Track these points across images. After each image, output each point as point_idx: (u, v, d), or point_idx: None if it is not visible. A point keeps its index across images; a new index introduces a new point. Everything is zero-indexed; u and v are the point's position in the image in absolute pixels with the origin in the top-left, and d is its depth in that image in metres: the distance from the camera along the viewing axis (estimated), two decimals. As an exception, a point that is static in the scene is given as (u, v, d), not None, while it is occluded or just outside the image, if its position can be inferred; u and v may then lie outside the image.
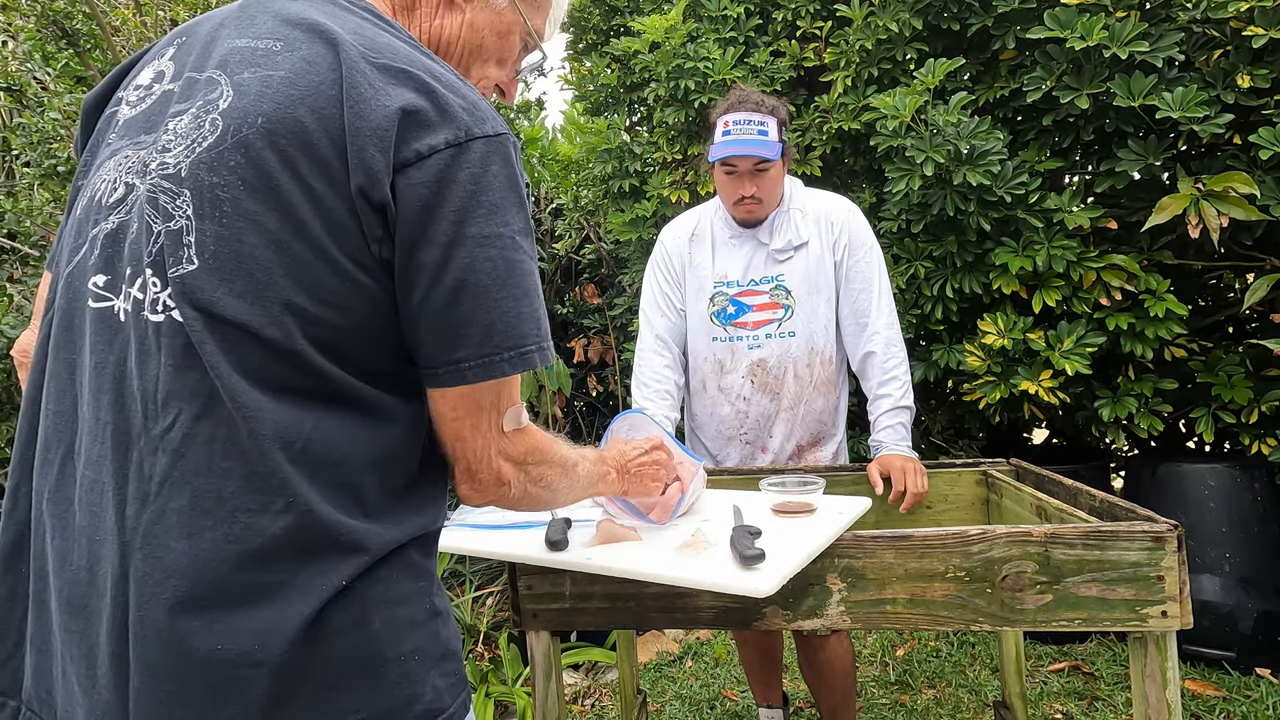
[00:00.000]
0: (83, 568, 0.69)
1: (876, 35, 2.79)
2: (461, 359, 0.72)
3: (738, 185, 1.87)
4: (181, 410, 0.67)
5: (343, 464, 0.71)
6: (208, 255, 0.68)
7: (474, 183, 0.70)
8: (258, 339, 0.68)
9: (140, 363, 0.69)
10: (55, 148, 2.48)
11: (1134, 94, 2.31)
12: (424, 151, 0.69)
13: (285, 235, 0.68)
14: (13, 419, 2.57)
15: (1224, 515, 2.59)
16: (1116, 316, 2.51)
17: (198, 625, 0.65)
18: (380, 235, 0.70)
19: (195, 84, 0.74)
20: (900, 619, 1.23)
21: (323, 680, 0.68)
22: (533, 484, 0.86)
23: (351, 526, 0.70)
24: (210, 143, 0.70)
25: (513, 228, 0.72)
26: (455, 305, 0.71)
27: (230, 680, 0.65)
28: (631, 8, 3.44)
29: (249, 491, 0.67)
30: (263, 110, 0.70)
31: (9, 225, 2.54)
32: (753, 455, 2.02)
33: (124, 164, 0.75)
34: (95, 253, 0.73)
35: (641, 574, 1.17)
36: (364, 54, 0.71)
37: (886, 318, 1.93)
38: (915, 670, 2.79)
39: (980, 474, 1.82)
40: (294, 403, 0.69)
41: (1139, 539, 1.16)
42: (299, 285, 0.68)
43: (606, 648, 2.74)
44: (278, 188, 0.68)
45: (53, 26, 2.85)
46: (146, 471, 0.67)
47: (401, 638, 0.73)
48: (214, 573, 0.66)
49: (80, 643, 0.69)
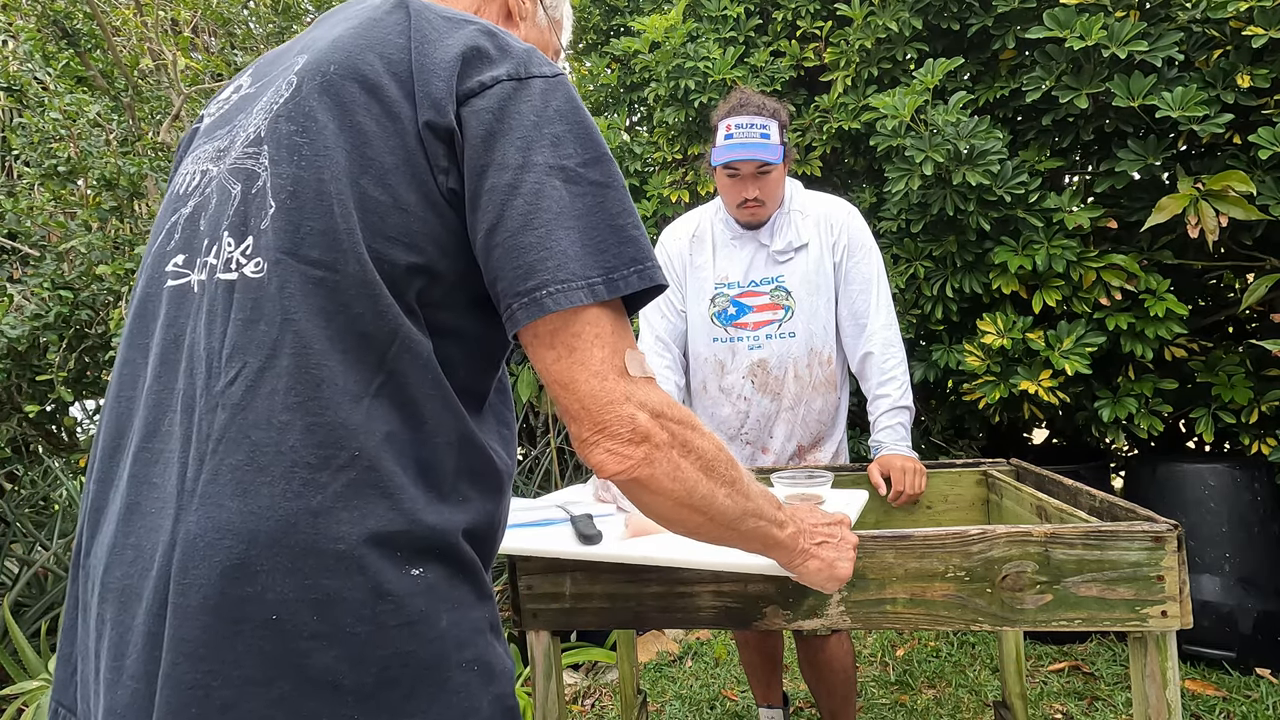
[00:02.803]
0: (128, 546, 0.66)
1: (876, 35, 2.79)
2: (535, 287, 0.67)
3: (740, 188, 1.87)
4: (246, 364, 0.65)
5: (413, 425, 0.68)
6: (284, 196, 0.68)
7: (537, 115, 0.70)
8: (335, 276, 0.66)
9: (209, 324, 0.68)
10: (55, 148, 2.48)
11: (1133, 94, 2.31)
12: (487, 82, 0.70)
13: (355, 171, 0.68)
14: (13, 419, 2.57)
15: (1224, 515, 2.59)
16: (1116, 316, 2.51)
17: (251, 591, 0.61)
18: (446, 166, 0.69)
19: (276, 73, 0.77)
20: (900, 619, 1.23)
21: (384, 672, 0.63)
22: (682, 451, 0.72)
23: (415, 495, 0.66)
24: (286, 97, 0.72)
25: (579, 158, 0.71)
26: (527, 230, 0.67)
27: (284, 654, 0.61)
28: (631, 8, 3.44)
29: (310, 445, 0.63)
30: (334, 59, 0.72)
31: (9, 225, 2.54)
32: (753, 456, 2.02)
33: (201, 157, 0.77)
34: (175, 237, 0.74)
35: (690, 563, 1.18)
36: (429, 8, 0.75)
37: (885, 318, 1.93)
38: (915, 670, 2.79)
39: (980, 474, 1.82)
40: (366, 352, 0.66)
41: (1139, 539, 1.16)
42: (370, 221, 0.68)
43: (606, 648, 2.75)
44: (348, 128, 0.69)
45: (53, 26, 2.85)
46: (205, 430, 0.64)
47: (465, 643, 0.68)
48: (270, 533, 0.61)
49: (113, 632, 0.65)
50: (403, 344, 0.67)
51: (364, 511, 0.64)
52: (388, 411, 0.66)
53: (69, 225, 2.47)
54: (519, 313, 0.67)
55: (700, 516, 0.76)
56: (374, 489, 0.64)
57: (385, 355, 0.67)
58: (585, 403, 0.68)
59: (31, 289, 2.31)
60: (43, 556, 3.00)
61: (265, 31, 3.24)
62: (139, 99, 2.84)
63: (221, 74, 3.03)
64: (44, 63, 2.62)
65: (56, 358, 2.35)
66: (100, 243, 2.39)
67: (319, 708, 0.61)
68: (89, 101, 2.51)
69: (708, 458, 0.75)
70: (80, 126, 2.49)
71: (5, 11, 2.84)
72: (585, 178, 0.70)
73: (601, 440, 0.69)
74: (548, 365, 0.69)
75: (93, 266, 2.36)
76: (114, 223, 2.51)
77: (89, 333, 2.49)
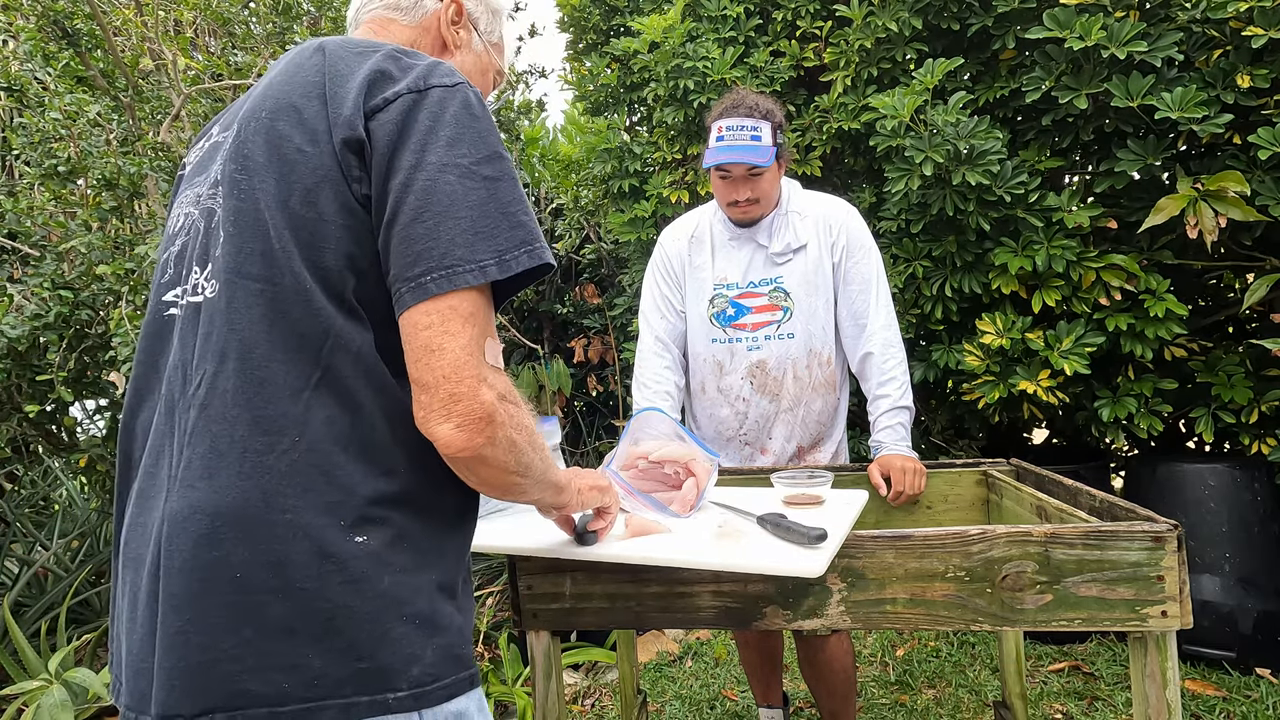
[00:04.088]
0: (138, 524, 0.81)
1: (876, 35, 2.79)
2: (422, 273, 0.76)
3: (732, 189, 1.87)
4: (205, 370, 0.78)
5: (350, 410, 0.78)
6: (229, 225, 0.81)
7: (432, 120, 0.80)
8: (273, 288, 0.77)
9: (183, 341, 0.82)
10: (55, 147, 2.47)
11: (1133, 94, 2.31)
12: (390, 97, 0.81)
13: (284, 194, 0.79)
14: (13, 419, 2.57)
15: (1224, 515, 2.59)
16: (1116, 316, 2.51)
17: (217, 556, 0.73)
18: (359, 175, 0.80)
19: (232, 130, 0.88)
20: (900, 619, 1.23)
21: (332, 620, 0.74)
22: (515, 429, 0.81)
23: (352, 471, 0.77)
24: (230, 142, 0.85)
25: (472, 157, 0.79)
26: (417, 223, 0.77)
27: (247, 606, 0.73)
28: (631, 8, 3.44)
29: (256, 434, 0.75)
30: (266, 104, 0.84)
31: (9, 225, 2.54)
32: (752, 457, 2.02)
33: (184, 201, 0.91)
34: (169, 272, 0.89)
35: (690, 563, 1.18)
36: (343, 45, 0.88)
37: (884, 319, 1.93)
38: (915, 670, 2.79)
39: (980, 474, 1.82)
40: (303, 351, 0.77)
41: (1139, 539, 1.16)
42: (301, 236, 0.78)
43: (606, 648, 2.75)
44: (276, 159, 0.81)
45: (53, 27, 2.85)
46: (184, 427, 0.78)
47: (405, 600, 0.78)
48: (230, 507, 0.74)
49: (129, 591, 0.80)
50: (335, 340, 0.78)
51: (307, 487, 0.75)
52: (326, 400, 0.77)
53: (69, 225, 2.47)
54: (406, 295, 0.77)
55: (523, 480, 0.86)
56: (315, 468, 0.76)
57: (320, 352, 0.78)
58: (446, 372, 0.76)
59: (31, 289, 2.31)
60: (43, 556, 3.00)
61: (265, 31, 3.24)
62: (139, 99, 2.84)
63: (221, 74, 3.03)
64: (44, 63, 2.62)
65: (56, 358, 2.35)
66: (100, 243, 2.39)
67: (278, 649, 0.73)
68: (89, 101, 2.51)
69: (529, 429, 0.85)
70: (80, 126, 2.49)
71: (5, 11, 2.84)
72: (478, 173, 0.79)
73: (453, 414, 0.76)
74: (418, 330, 0.76)
75: (93, 266, 2.36)
76: (114, 223, 2.50)
77: (89, 333, 2.49)
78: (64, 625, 2.47)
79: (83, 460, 2.81)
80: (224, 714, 0.73)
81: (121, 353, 2.17)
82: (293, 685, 0.73)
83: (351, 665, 0.75)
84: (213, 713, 0.73)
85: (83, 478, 3.57)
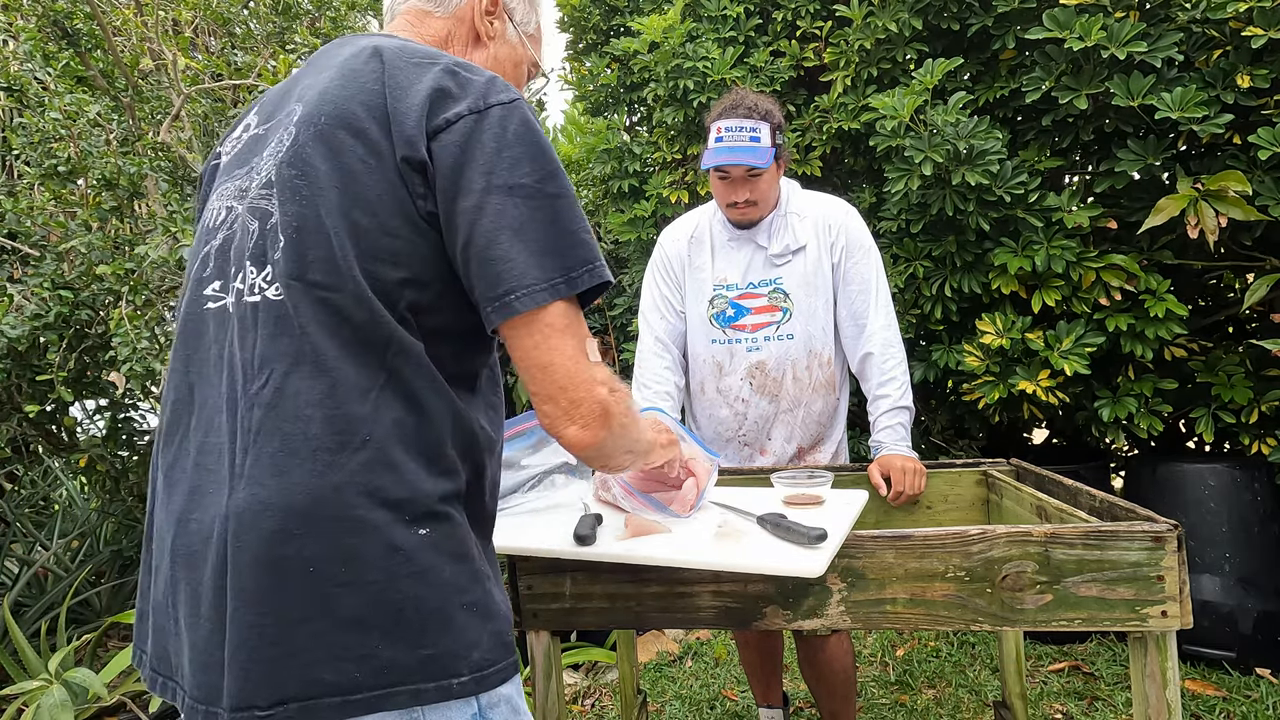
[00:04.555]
0: (191, 520, 0.81)
1: (876, 35, 2.79)
2: (505, 292, 0.80)
3: (731, 191, 1.87)
4: (273, 370, 0.80)
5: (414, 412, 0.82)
6: (291, 231, 0.82)
7: (496, 141, 0.82)
8: (336, 295, 0.80)
9: (241, 339, 0.83)
10: (55, 148, 2.47)
11: (1133, 94, 2.31)
12: (451, 119, 0.83)
13: (347, 204, 0.81)
14: (13, 419, 2.57)
15: (1224, 515, 2.59)
16: (1116, 317, 2.51)
17: (289, 551, 0.76)
18: (423, 193, 0.82)
19: (276, 123, 0.90)
20: (900, 619, 1.23)
21: (401, 610, 0.78)
22: (624, 415, 0.88)
23: (416, 469, 0.81)
24: (287, 145, 0.86)
25: (534, 176, 0.83)
26: (493, 245, 0.80)
27: (319, 599, 0.76)
28: (631, 8, 3.44)
29: (329, 433, 0.78)
30: (324, 111, 0.85)
31: (9, 225, 2.53)
32: (751, 457, 2.02)
33: (225, 194, 0.91)
34: (210, 266, 0.89)
35: (690, 563, 1.18)
36: (400, 54, 0.88)
37: (884, 319, 1.93)
38: (915, 670, 2.79)
39: (980, 474, 1.82)
40: (369, 356, 0.80)
41: (1139, 539, 1.16)
42: (362, 247, 0.81)
43: (606, 648, 2.75)
44: (339, 169, 0.82)
45: (53, 27, 2.85)
46: (247, 425, 0.80)
47: (465, 589, 0.82)
48: (302, 504, 0.76)
49: (187, 588, 0.81)
50: (398, 347, 0.81)
51: (376, 484, 0.78)
52: (392, 402, 0.81)
53: (69, 225, 2.47)
54: (493, 315, 0.82)
55: (633, 455, 0.96)
56: (383, 465, 0.79)
57: (385, 356, 0.81)
58: (562, 383, 0.83)
59: (31, 289, 2.31)
60: (43, 556, 3.00)
61: (265, 31, 3.24)
62: (139, 99, 2.84)
63: (221, 74, 3.03)
64: (44, 63, 2.62)
65: (56, 358, 2.35)
66: (100, 243, 2.38)
67: (350, 639, 0.76)
68: (89, 101, 2.51)
69: (634, 409, 0.93)
70: (80, 126, 2.49)
71: (5, 11, 2.84)
72: (541, 192, 0.83)
73: (576, 417, 0.83)
74: (527, 351, 0.83)
75: (93, 266, 2.36)
76: (114, 223, 2.50)
77: (89, 333, 2.49)
78: (64, 625, 2.47)
79: (83, 460, 2.81)
80: (297, 703, 0.75)
81: (121, 353, 2.17)
82: (364, 674, 0.76)
83: (418, 653, 0.78)
84: (287, 702, 0.75)
85: (83, 478, 3.57)
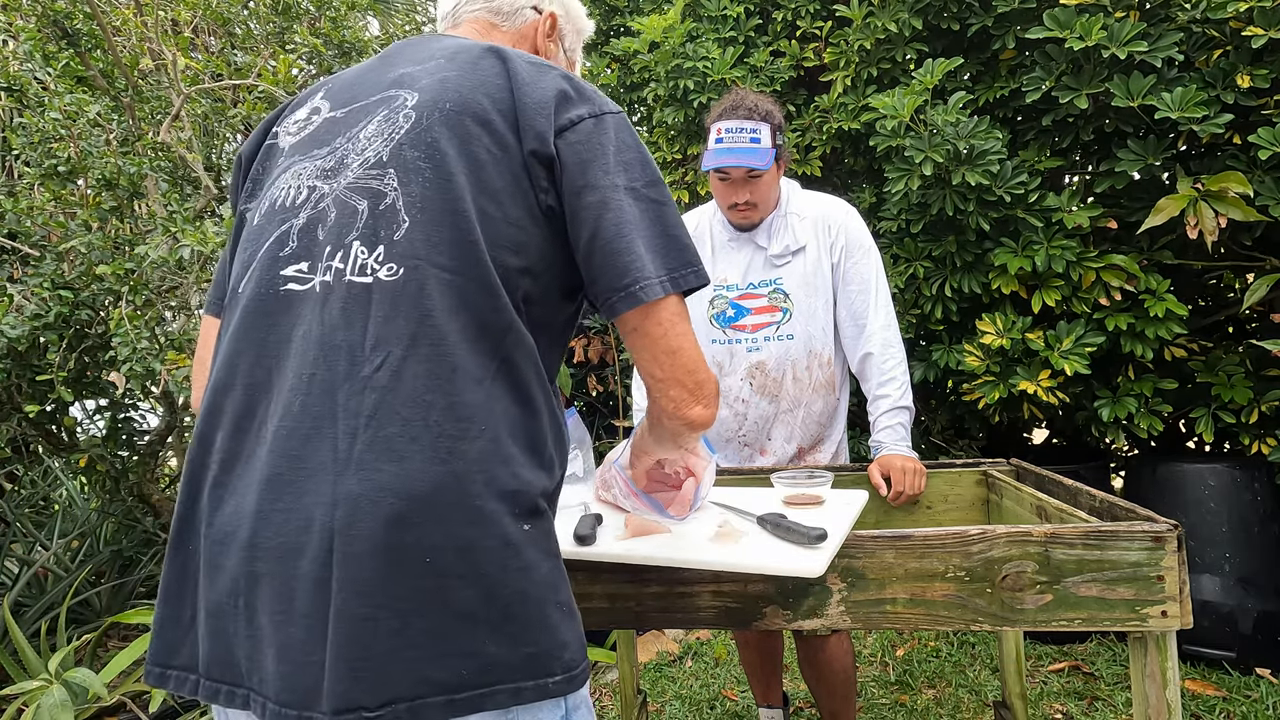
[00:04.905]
0: (276, 511, 0.76)
1: (876, 35, 2.79)
2: (630, 284, 0.83)
3: (731, 192, 1.87)
4: (390, 353, 0.77)
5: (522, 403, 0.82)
6: (416, 212, 0.82)
7: (614, 144, 0.88)
8: (461, 279, 0.80)
9: (346, 320, 0.79)
10: (55, 148, 2.47)
11: (1133, 94, 2.31)
12: (574, 120, 0.87)
13: (474, 191, 0.83)
14: (13, 419, 2.57)
15: (1224, 515, 2.59)
16: (1116, 316, 2.51)
17: (409, 539, 0.73)
18: (546, 186, 0.85)
19: (365, 107, 0.90)
20: (900, 619, 1.23)
21: (509, 606, 0.76)
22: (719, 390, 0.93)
23: (524, 462, 0.81)
24: (407, 129, 0.86)
25: (643, 180, 0.88)
26: (617, 239, 0.84)
27: (436, 591, 0.73)
28: (631, 8, 3.44)
29: (450, 420, 0.77)
30: (448, 98, 0.87)
31: (9, 225, 2.53)
32: (751, 458, 2.02)
33: (302, 174, 0.89)
34: (290, 245, 0.85)
35: (690, 563, 1.18)
36: (519, 55, 0.92)
37: (884, 319, 1.93)
38: (915, 670, 2.79)
39: (980, 474, 1.82)
40: (486, 342, 0.80)
41: (1139, 539, 1.16)
42: (488, 233, 0.82)
43: (606, 648, 2.74)
44: (466, 155, 0.84)
45: (53, 27, 2.85)
46: (354, 409, 0.76)
47: (557, 586, 0.82)
48: (423, 491, 0.74)
49: (273, 583, 0.75)
50: (515, 336, 0.82)
51: (493, 475, 0.78)
52: (503, 392, 0.81)
53: (69, 225, 2.47)
54: (619, 304, 0.85)
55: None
56: (498, 456, 0.78)
57: (501, 344, 0.81)
58: (689, 366, 0.87)
59: (31, 289, 2.31)
60: (43, 556, 3.00)
61: (265, 31, 3.24)
62: (139, 99, 2.84)
63: (221, 74, 3.03)
64: (44, 63, 2.62)
65: (56, 358, 2.35)
66: (100, 243, 2.38)
67: (460, 634, 0.74)
68: (89, 101, 2.51)
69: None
70: (80, 126, 2.49)
71: (5, 11, 2.84)
72: (648, 197, 0.88)
73: (700, 397, 0.88)
74: (655, 339, 0.86)
75: (93, 266, 2.35)
76: (114, 223, 2.50)
77: (89, 333, 2.49)
78: (64, 625, 2.47)
79: (83, 460, 2.81)
80: (405, 703, 0.72)
81: (121, 353, 2.17)
82: (470, 672, 0.74)
83: (521, 650, 0.76)
84: (395, 703, 0.72)
85: (83, 478, 3.56)
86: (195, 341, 2.29)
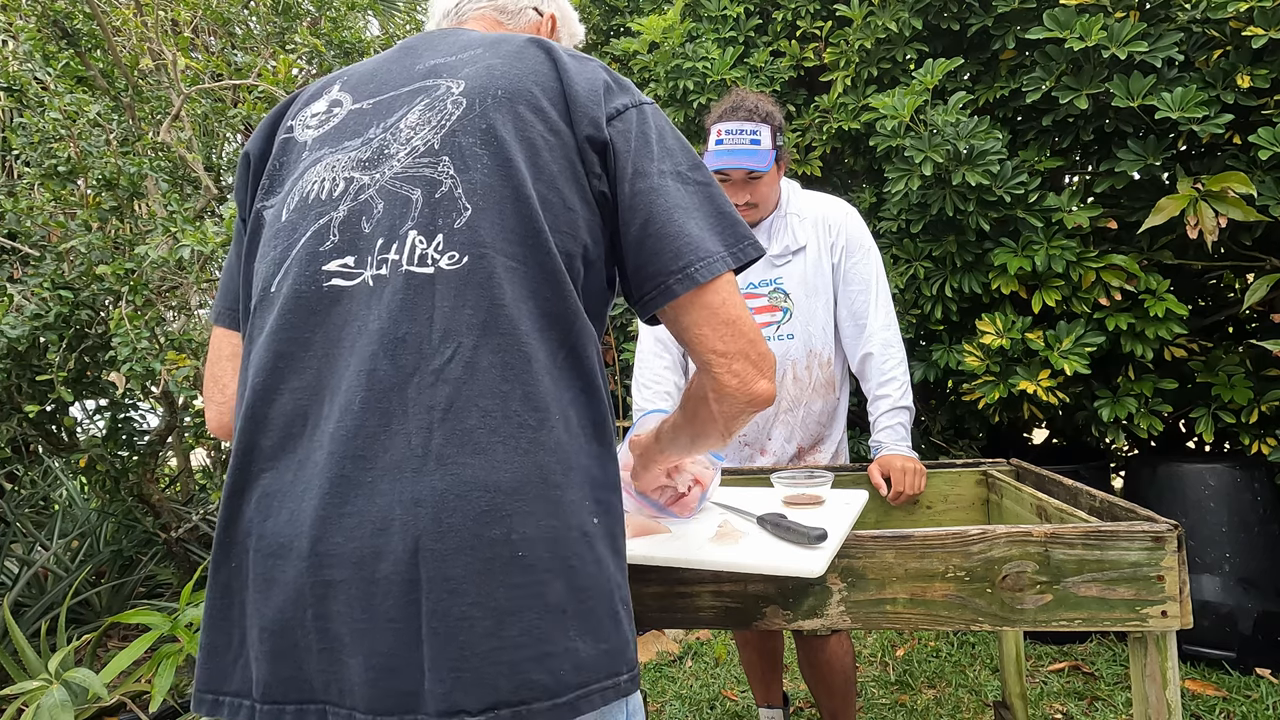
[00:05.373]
0: (345, 515, 0.72)
1: (876, 35, 2.79)
2: (686, 265, 0.83)
3: (731, 193, 1.87)
4: (460, 344, 0.75)
5: (589, 391, 0.81)
6: (477, 198, 0.80)
7: (658, 132, 0.89)
8: (527, 266, 0.78)
9: (409, 312, 0.76)
10: (55, 148, 2.47)
11: (1133, 94, 2.31)
12: (620, 108, 0.88)
13: (533, 176, 0.81)
14: (13, 419, 2.57)
15: (1224, 515, 2.59)
16: (1116, 316, 2.51)
17: (500, 534, 0.71)
18: (599, 173, 0.85)
19: (398, 97, 0.89)
20: (900, 619, 1.23)
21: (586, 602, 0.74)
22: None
23: (595, 451, 0.80)
24: (459, 115, 0.84)
25: (686, 164, 0.88)
26: (670, 223, 0.83)
27: (529, 585, 0.71)
28: (631, 8, 3.44)
29: (529, 409, 0.75)
30: (499, 85, 0.86)
31: (9, 225, 2.53)
32: (751, 457, 2.02)
33: (335, 165, 0.86)
34: (331, 239, 0.82)
35: (690, 563, 1.18)
36: (560, 47, 0.92)
37: (884, 319, 1.93)
38: (915, 670, 2.79)
39: (980, 474, 1.82)
40: (554, 330, 0.79)
41: (1139, 539, 1.16)
42: (549, 219, 0.81)
43: (606, 648, 2.74)
44: (522, 140, 0.83)
45: (53, 26, 2.85)
46: (427, 402, 0.73)
47: (621, 584, 0.80)
48: (510, 483, 0.72)
49: (349, 590, 0.71)
50: (581, 323, 0.81)
51: (570, 465, 0.76)
52: (571, 380, 0.80)
53: (69, 225, 2.47)
54: (676, 286, 0.83)
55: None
56: (573, 446, 0.77)
57: (569, 332, 0.80)
58: (752, 338, 0.85)
59: (31, 289, 2.31)
60: (43, 556, 3.00)
61: (265, 31, 3.24)
62: (139, 99, 2.84)
63: (221, 74, 3.03)
64: (44, 63, 2.62)
65: (56, 358, 2.35)
66: (100, 243, 2.38)
67: (555, 632, 0.72)
68: (89, 101, 2.51)
69: None
70: (80, 126, 2.49)
71: (5, 11, 2.84)
72: (693, 179, 0.88)
73: (764, 370, 0.85)
74: (715, 310, 0.84)
75: (93, 266, 2.35)
76: (114, 223, 2.50)
77: (89, 333, 2.49)
78: (64, 625, 2.47)
79: (83, 460, 2.81)
80: (509, 709, 0.69)
81: (121, 353, 2.17)
82: (566, 671, 0.72)
83: (599, 646, 0.74)
84: (498, 708, 0.69)
85: (83, 478, 3.57)
86: (195, 341, 2.29)
